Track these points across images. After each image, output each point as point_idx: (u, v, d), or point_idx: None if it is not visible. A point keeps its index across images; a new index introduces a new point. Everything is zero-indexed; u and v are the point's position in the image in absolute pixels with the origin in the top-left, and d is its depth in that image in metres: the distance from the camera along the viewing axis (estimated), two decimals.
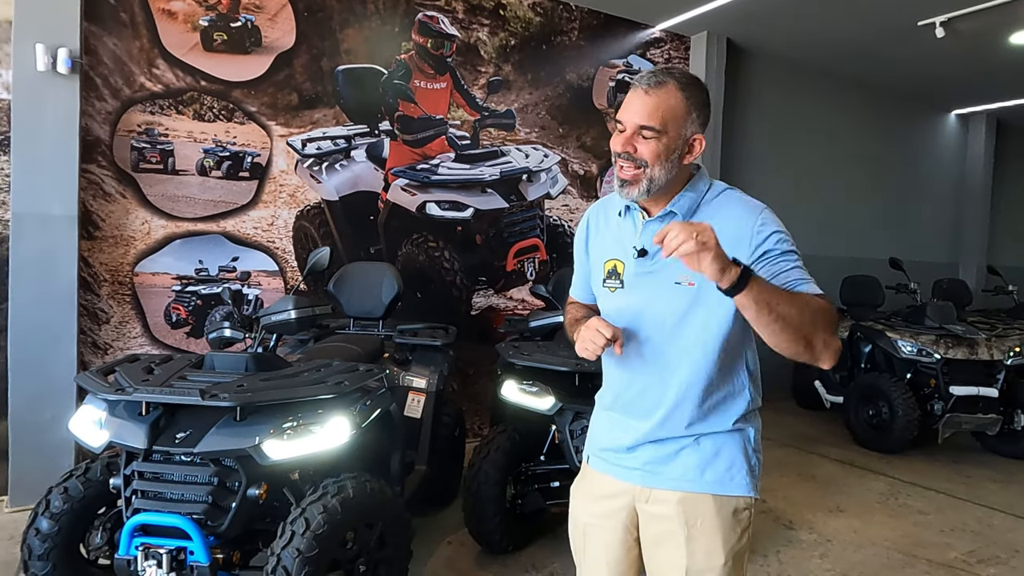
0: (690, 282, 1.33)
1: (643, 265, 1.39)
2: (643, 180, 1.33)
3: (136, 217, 3.65)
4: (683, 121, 1.32)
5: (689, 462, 1.39)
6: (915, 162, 7.79)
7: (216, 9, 3.79)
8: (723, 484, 1.39)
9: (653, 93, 1.31)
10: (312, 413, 2.16)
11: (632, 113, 1.32)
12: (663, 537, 1.41)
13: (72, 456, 3.32)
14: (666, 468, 1.41)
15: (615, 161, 1.35)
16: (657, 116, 1.30)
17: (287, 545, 1.99)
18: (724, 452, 1.39)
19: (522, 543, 3.06)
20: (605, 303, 1.49)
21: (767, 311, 1.15)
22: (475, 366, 4.64)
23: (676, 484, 1.40)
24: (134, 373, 2.21)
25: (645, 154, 1.31)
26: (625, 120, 1.33)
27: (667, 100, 1.30)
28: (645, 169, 1.32)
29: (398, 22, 4.36)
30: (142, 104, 3.63)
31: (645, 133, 1.31)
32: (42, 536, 2.19)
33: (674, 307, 1.35)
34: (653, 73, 1.34)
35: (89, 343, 3.55)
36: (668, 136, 1.31)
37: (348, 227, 4.27)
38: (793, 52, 6.10)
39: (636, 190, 1.34)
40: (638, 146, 1.32)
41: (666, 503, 1.40)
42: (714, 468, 1.39)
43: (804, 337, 1.19)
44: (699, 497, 1.38)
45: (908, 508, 3.87)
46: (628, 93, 1.35)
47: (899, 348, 5.01)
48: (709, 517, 1.38)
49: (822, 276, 5.30)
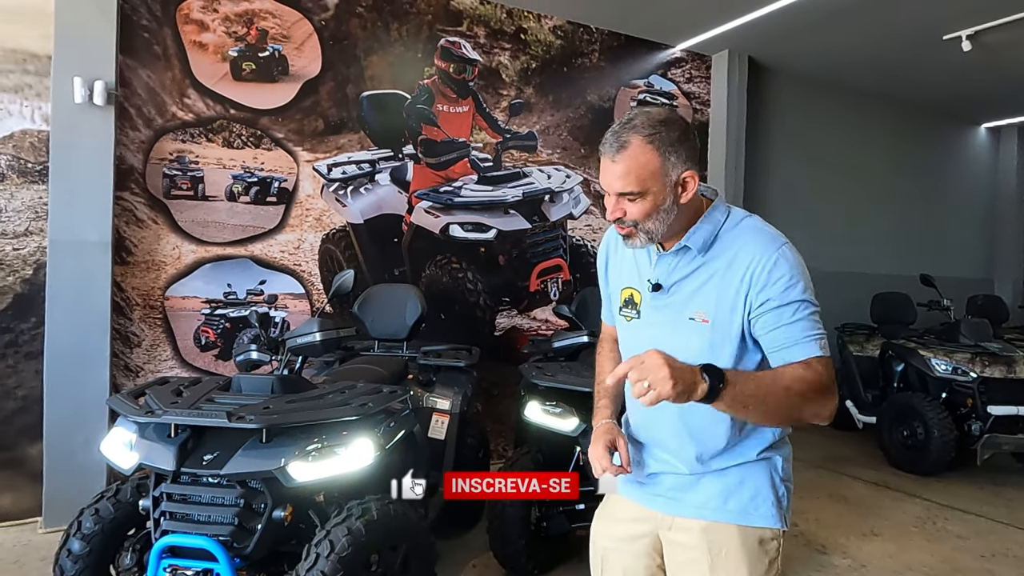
0: (704, 318, 1.31)
1: (658, 298, 1.38)
2: (640, 235, 1.32)
3: (167, 242, 3.74)
4: (660, 172, 1.26)
5: (712, 490, 1.37)
6: (945, 177, 7.67)
7: (245, 40, 3.91)
8: (747, 514, 1.35)
9: (619, 159, 1.26)
10: (337, 435, 2.18)
11: (608, 182, 1.30)
12: (688, 566, 1.39)
13: (104, 478, 3.37)
14: (688, 495, 1.39)
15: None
16: (631, 180, 1.26)
17: (312, 567, 2.00)
18: (748, 481, 1.36)
19: (547, 566, 3.02)
20: (623, 332, 1.50)
21: (746, 410, 1.17)
22: (499, 387, 4.64)
23: (699, 512, 1.37)
24: (163, 395, 2.25)
25: (634, 215, 1.29)
26: (606, 187, 1.32)
27: (636, 160, 1.25)
28: (638, 226, 1.31)
29: (421, 48, 4.44)
30: (174, 133, 3.74)
31: (628, 196, 1.28)
32: (74, 557, 2.23)
33: (690, 343, 1.32)
34: (615, 134, 1.28)
35: (121, 366, 3.63)
36: (652, 193, 1.27)
37: (373, 249, 4.32)
38: (816, 69, 6.07)
39: (637, 242, 1.34)
40: (626, 209, 1.30)
41: (690, 531, 1.38)
42: (738, 497, 1.36)
43: (788, 419, 1.24)
44: (723, 527, 1.35)
45: (946, 532, 3.75)
46: (602, 160, 1.31)
47: (933, 367, 4.89)
48: (733, 548, 1.34)
49: (851, 293, 5.24)
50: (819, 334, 1.24)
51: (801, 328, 1.24)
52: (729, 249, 1.30)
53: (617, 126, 1.30)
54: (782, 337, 1.24)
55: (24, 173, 3.46)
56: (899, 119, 7.11)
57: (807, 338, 1.23)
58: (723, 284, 1.29)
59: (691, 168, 1.29)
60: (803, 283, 1.26)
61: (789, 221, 6.19)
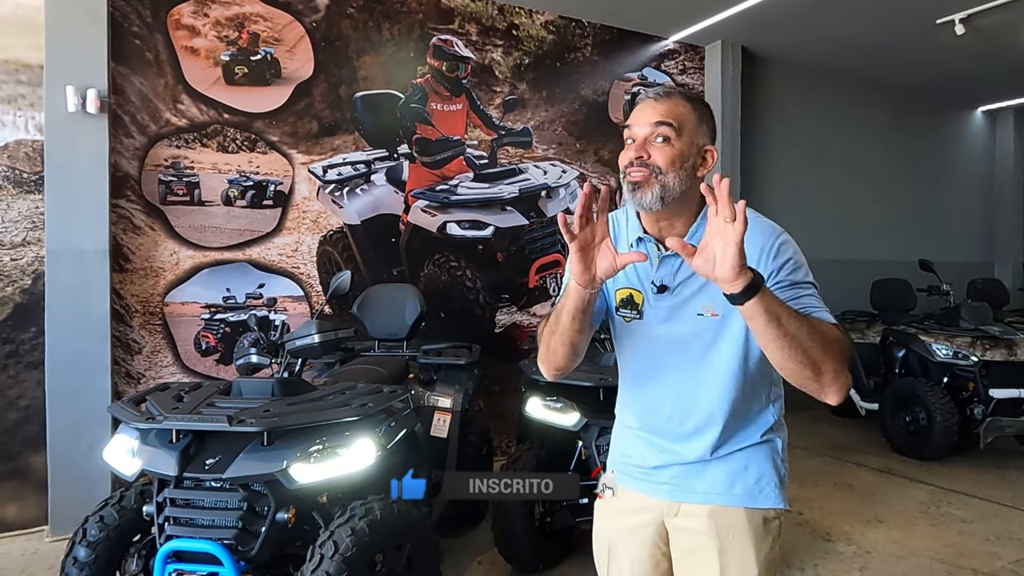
0: (712, 312, 1.30)
1: (663, 299, 1.35)
2: (655, 185, 1.26)
3: (165, 248, 3.74)
4: (695, 129, 1.30)
5: (718, 475, 1.38)
6: (942, 161, 7.66)
7: (237, 44, 3.90)
8: (753, 497, 1.37)
9: (663, 101, 1.30)
10: (338, 436, 2.19)
11: (645, 118, 1.29)
12: (695, 551, 1.40)
13: (108, 485, 3.38)
14: (694, 482, 1.39)
15: (626, 173, 1.29)
16: (671, 115, 1.28)
17: (316, 568, 2.00)
18: (753, 465, 1.38)
19: (553, 561, 3.03)
20: (623, 332, 1.45)
21: (776, 324, 1.09)
22: (500, 384, 4.64)
23: (705, 497, 1.38)
24: (164, 401, 2.26)
25: (659, 160, 1.26)
26: (636, 126, 1.30)
27: (678, 107, 1.29)
28: (657, 175, 1.26)
29: (413, 47, 4.44)
30: (168, 139, 3.74)
31: (660, 133, 1.27)
32: (79, 564, 2.23)
33: (700, 338, 1.32)
34: (662, 88, 1.34)
35: (123, 373, 3.64)
36: (682, 140, 1.27)
37: (370, 250, 4.32)
38: (810, 57, 6.06)
39: (648, 195, 1.27)
40: (652, 152, 1.27)
41: (696, 516, 1.38)
42: (743, 481, 1.37)
43: (812, 361, 1.13)
44: (730, 510, 1.37)
45: (951, 517, 3.76)
46: (635, 108, 1.33)
47: (934, 352, 4.89)
48: (741, 529, 1.36)
49: (851, 280, 5.24)
50: (827, 309, 1.24)
51: (813, 301, 1.25)
52: None
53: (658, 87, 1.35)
54: (799, 306, 1.19)
55: (20, 183, 3.46)
56: (895, 105, 7.10)
57: (820, 309, 1.23)
58: None
59: (713, 145, 1.32)
60: (805, 268, 1.29)
61: (787, 210, 6.19)
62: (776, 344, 1.12)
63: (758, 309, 1.08)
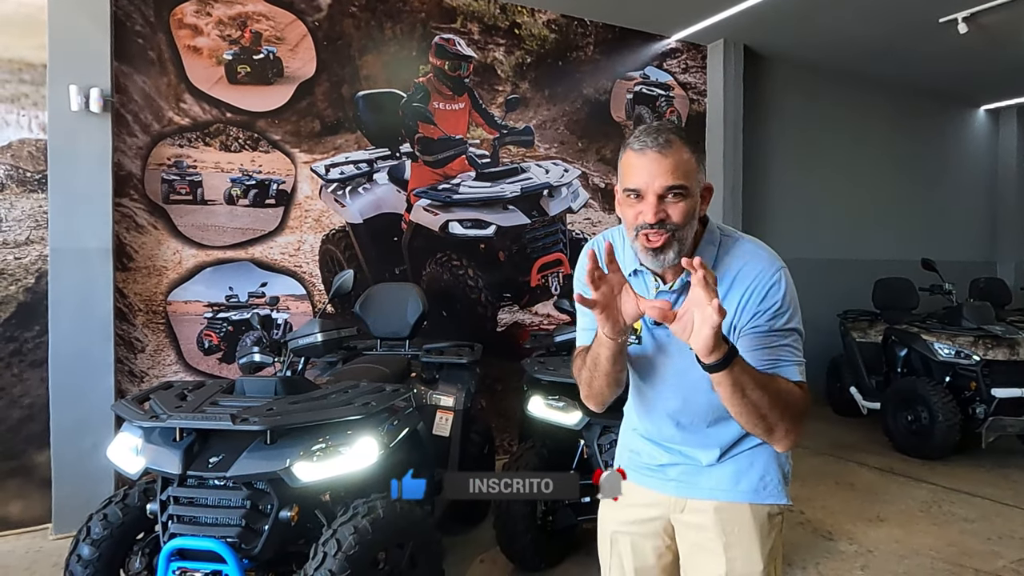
0: None
1: (660, 329, 1.33)
2: (674, 244, 1.25)
3: (168, 247, 3.75)
4: (696, 174, 1.26)
5: (724, 473, 1.41)
6: (945, 160, 7.65)
7: (239, 43, 3.91)
8: (757, 493, 1.41)
9: (669, 154, 1.23)
10: (341, 434, 2.19)
11: (653, 177, 1.23)
12: (701, 546, 1.43)
13: (112, 483, 3.40)
14: (700, 479, 1.43)
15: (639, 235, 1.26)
16: (680, 175, 1.23)
17: (320, 566, 2.01)
18: (758, 462, 1.42)
19: (555, 560, 3.04)
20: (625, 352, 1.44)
21: (740, 394, 1.17)
22: (503, 382, 4.65)
23: (711, 494, 1.41)
24: (168, 400, 2.27)
25: (676, 218, 1.24)
26: (644, 186, 1.24)
27: (681, 156, 1.23)
28: (675, 232, 1.24)
29: (415, 46, 4.44)
30: (171, 138, 3.74)
31: (674, 194, 1.23)
32: (83, 562, 2.24)
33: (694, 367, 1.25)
34: (655, 131, 1.25)
35: (126, 372, 3.65)
36: (691, 194, 1.25)
37: (373, 249, 4.33)
38: (812, 55, 6.06)
39: (670, 255, 1.25)
40: (668, 211, 1.24)
41: (703, 512, 1.42)
42: (748, 478, 1.41)
43: (768, 424, 1.21)
44: (736, 506, 1.40)
45: (953, 516, 3.75)
46: (634, 157, 1.26)
47: (936, 351, 4.89)
48: (746, 525, 1.40)
49: (853, 279, 5.25)
50: (800, 360, 1.28)
51: (789, 353, 1.27)
52: (728, 273, 1.31)
53: (649, 126, 1.28)
54: (767, 356, 1.25)
55: (23, 182, 3.47)
56: (898, 103, 7.09)
57: (791, 363, 1.27)
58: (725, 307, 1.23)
59: (708, 180, 1.32)
60: (792, 310, 1.30)
61: (789, 209, 6.20)
62: (736, 409, 1.20)
63: (726, 380, 1.16)
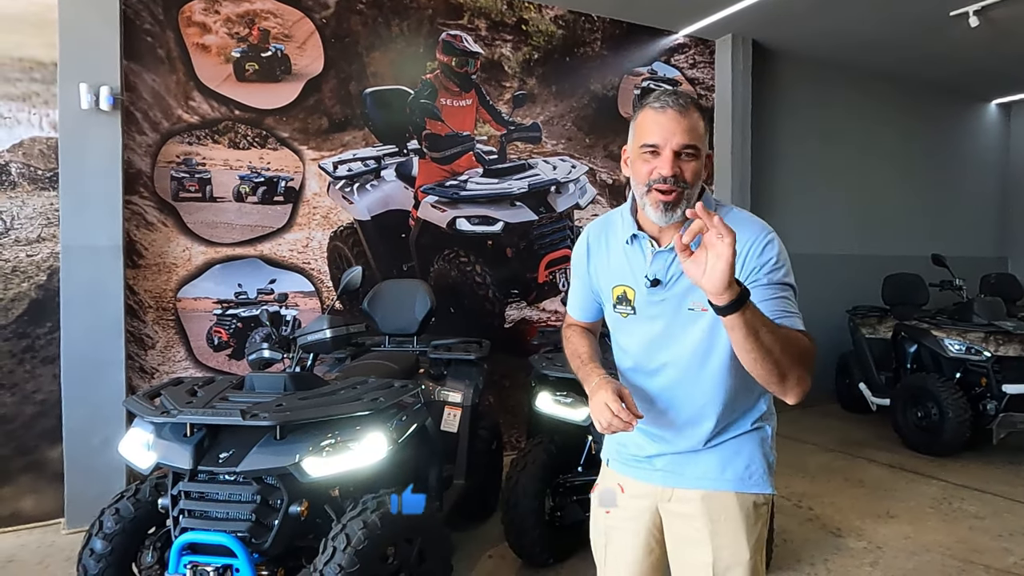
0: (703, 307, 1.32)
1: (656, 293, 1.40)
2: (683, 202, 1.33)
3: (177, 244, 3.77)
4: (704, 141, 1.35)
5: (710, 462, 1.44)
6: (956, 155, 7.59)
7: (247, 41, 3.92)
8: (743, 482, 1.43)
9: (686, 115, 1.31)
10: (349, 430, 2.20)
11: (671, 134, 1.30)
12: (688, 535, 1.45)
13: (124, 478, 3.43)
14: (687, 468, 1.45)
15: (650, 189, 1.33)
16: (695, 136, 1.31)
17: (329, 561, 2.02)
18: (743, 452, 1.44)
19: (563, 555, 3.04)
20: (619, 328, 1.52)
21: (754, 337, 1.16)
22: (511, 378, 4.65)
23: (698, 483, 1.44)
24: (178, 396, 2.28)
25: (688, 175, 1.32)
26: (662, 142, 1.31)
27: (697, 121, 1.32)
28: (684, 191, 1.32)
29: (422, 43, 4.44)
30: (180, 135, 3.76)
31: (687, 153, 1.31)
32: (96, 556, 2.26)
33: (690, 331, 1.37)
34: (674, 93, 1.34)
35: (137, 368, 3.67)
36: (701, 155, 1.34)
37: (380, 246, 4.34)
38: (822, 50, 6.02)
39: (678, 212, 1.33)
40: (682, 167, 1.32)
41: (690, 501, 1.44)
42: (734, 467, 1.43)
43: (781, 371, 1.20)
44: (722, 495, 1.42)
45: (963, 512, 3.74)
46: (652, 115, 1.33)
47: (946, 347, 4.86)
48: (732, 514, 1.42)
49: (862, 275, 5.21)
50: (799, 313, 1.31)
51: (789, 305, 1.30)
52: None
53: (667, 89, 1.38)
54: (773, 308, 1.27)
55: (35, 180, 3.50)
56: (908, 98, 7.03)
57: (792, 315, 1.29)
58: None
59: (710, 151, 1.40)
60: (786, 268, 1.34)
61: (798, 205, 6.16)
62: (751, 355, 1.18)
63: (739, 322, 1.14)
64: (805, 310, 1.35)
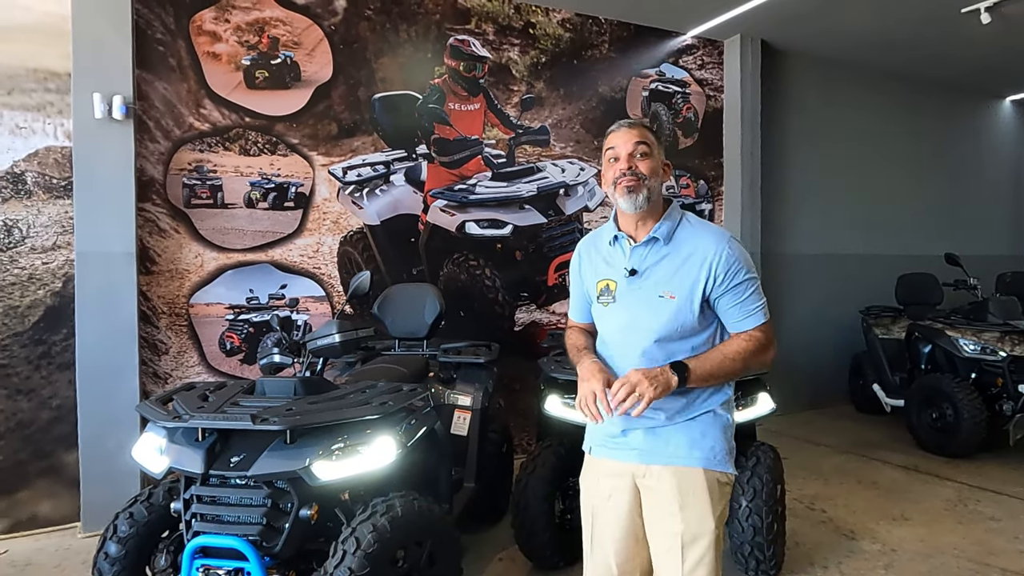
0: (671, 295, 1.64)
1: (632, 283, 1.69)
2: (643, 189, 1.65)
3: (189, 251, 3.81)
4: (658, 149, 1.70)
5: (680, 441, 1.65)
6: (969, 152, 7.51)
7: (257, 48, 3.96)
8: (708, 460, 1.65)
9: (635, 128, 1.69)
10: (359, 434, 2.22)
11: (625, 140, 1.67)
12: (662, 506, 1.65)
13: (138, 482, 3.46)
14: (659, 446, 1.66)
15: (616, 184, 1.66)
16: (644, 140, 1.67)
17: (339, 564, 2.03)
18: (709, 433, 1.66)
19: (572, 558, 3.03)
20: (602, 316, 1.77)
21: (713, 379, 1.61)
22: (520, 382, 4.66)
23: (669, 460, 1.65)
24: (190, 400, 2.30)
25: (644, 169, 1.66)
26: (619, 146, 1.68)
27: (646, 133, 1.69)
28: (644, 180, 1.65)
29: (430, 48, 4.47)
30: (191, 143, 3.81)
31: (640, 150, 1.66)
32: (111, 560, 2.29)
33: (660, 316, 1.64)
34: (626, 119, 1.76)
35: (150, 373, 3.72)
36: (654, 156, 1.68)
37: (390, 250, 4.36)
38: (831, 50, 5.98)
39: (640, 196, 1.64)
40: (638, 164, 1.66)
41: (661, 477, 1.65)
42: (700, 447, 1.65)
43: (744, 371, 1.65)
44: (690, 471, 1.64)
45: (979, 514, 3.70)
46: (611, 135, 1.71)
47: (961, 347, 4.81)
48: (700, 488, 1.63)
49: (875, 275, 5.18)
50: (762, 303, 1.66)
51: (750, 302, 1.64)
52: (687, 242, 1.67)
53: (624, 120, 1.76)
54: (736, 313, 1.64)
55: (49, 189, 3.55)
56: (920, 96, 6.97)
57: (754, 310, 1.64)
58: (686, 268, 1.64)
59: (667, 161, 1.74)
60: (746, 265, 1.65)
61: (808, 204, 6.13)
62: (718, 383, 1.66)
63: (697, 381, 1.59)
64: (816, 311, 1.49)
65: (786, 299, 5.86)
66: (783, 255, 5.93)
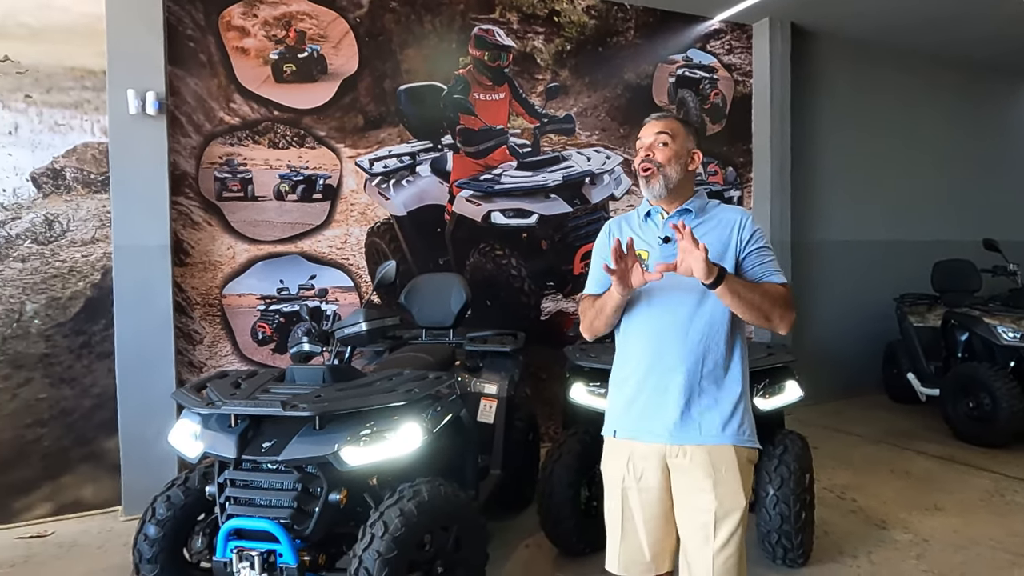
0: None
1: (666, 249, 1.77)
2: (660, 177, 1.77)
3: (222, 243, 3.90)
4: (683, 136, 1.81)
5: (713, 420, 1.71)
6: (1006, 136, 7.28)
7: (284, 43, 4.02)
8: (738, 437, 1.72)
9: (662, 120, 1.83)
10: (386, 420, 2.26)
11: (649, 131, 1.82)
12: (694, 484, 1.70)
13: (175, 467, 3.56)
14: (692, 426, 1.70)
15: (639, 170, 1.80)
16: (669, 128, 1.80)
17: (368, 547, 2.08)
18: (737, 412, 1.73)
19: (598, 545, 3.03)
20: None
21: (738, 297, 1.62)
22: (547, 370, 4.68)
23: (702, 439, 1.70)
24: (223, 388, 2.37)
25: (660, 157, 1.78)
26: (644, 137, 1.83)
27: (671, 122, 1.82)
28: (660, 168, 1.77)
29: (455, 38, 4.48)
30: (222, 137, 3.88)
31: (660, 139, 1.78)
32: (150, 541, 2.38)
33: (691, 288, 1.69)
34: (660, 112, 1.90)
35: (185, 362, 3.82)
36: (676, 144, 1.79)
37: (417, 240, 4.40)
38: (862, 31, 5.84)
39: (656, 183, 1.77)
40: (655, 152, 1.79)
41: (694, 456, 1.70)
42: (731, 425, 1.72)
43: (765, 314, 1.66)
44: (722, 448, 1.70)
45: (1016, 505, 3.62)
46: (643, 128, 1.84)
47: (999, 335, 4.70)
48: (731, 465, 1.69)
49: (910, 261, 5.08)
50: (779, 268, 1.77)
51: (772, 264, 1.76)
52: (715, 216, 1.83)
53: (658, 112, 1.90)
54: (762, 269, 1.75)
55: (88, 184, 3.66)
56: (955, 78, 6.77)
57: (776, 270, 1.76)
58: (715, 236, 1.76)
59: (698, 150, 1.84)
60: (763, 236, 1.80)
61: (839, 190, 6.01)
62: (740, 309, 1.66)
63: (725, 291, 1.61)
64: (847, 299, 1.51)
65: (817, 286, 5.77)
66: (813, 242, 5.83)
